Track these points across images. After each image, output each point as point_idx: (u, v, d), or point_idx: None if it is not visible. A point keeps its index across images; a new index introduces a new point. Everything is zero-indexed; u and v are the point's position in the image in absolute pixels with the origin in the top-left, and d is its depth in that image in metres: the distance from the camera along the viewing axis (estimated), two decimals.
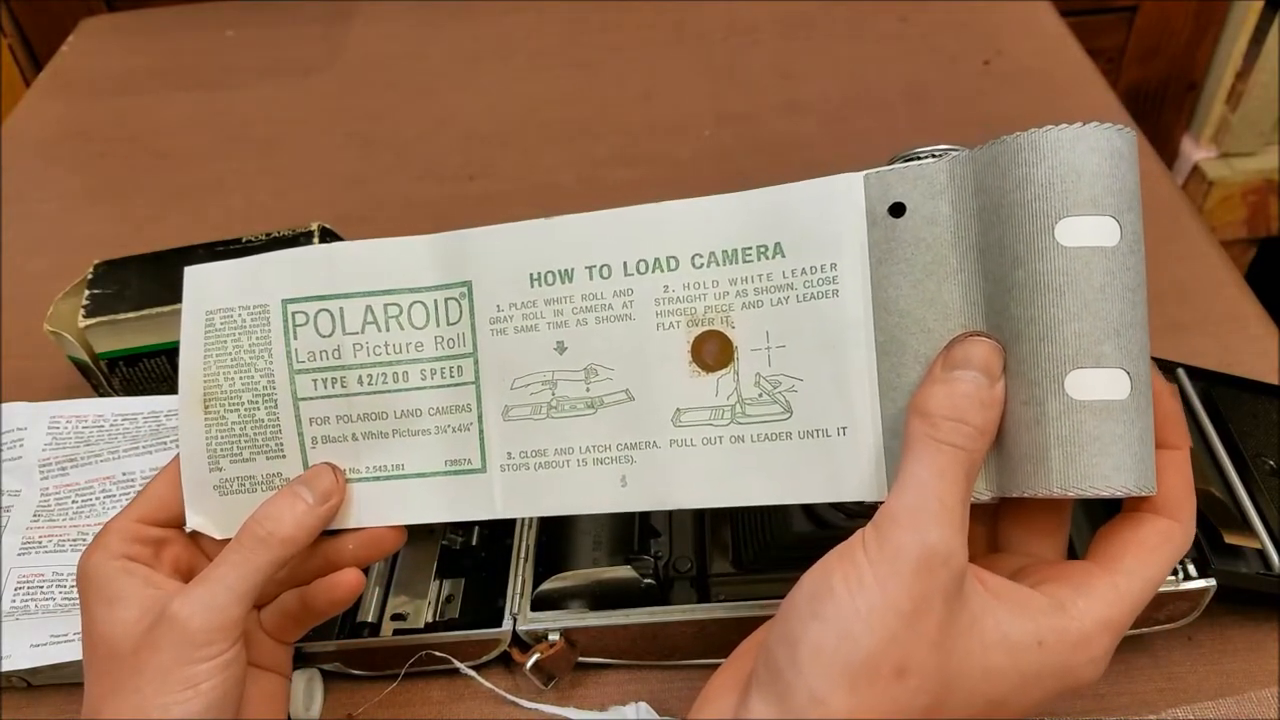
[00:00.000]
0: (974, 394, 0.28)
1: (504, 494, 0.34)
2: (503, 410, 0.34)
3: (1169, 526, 0.29)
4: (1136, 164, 0.29)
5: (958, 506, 0.26)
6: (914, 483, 0.27)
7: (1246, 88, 1.21)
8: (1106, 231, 0.28)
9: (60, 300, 0.51)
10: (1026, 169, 0.28)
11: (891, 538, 0.26)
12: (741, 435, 0.32)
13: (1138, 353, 0.28)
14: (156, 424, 0.50)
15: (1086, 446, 0.27)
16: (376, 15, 0.90)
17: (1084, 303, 0.28)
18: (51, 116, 0.82)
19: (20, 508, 0.47)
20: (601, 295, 0.33)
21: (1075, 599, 0.27)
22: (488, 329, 0.34)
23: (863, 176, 0.31)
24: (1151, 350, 0.47)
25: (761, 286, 0.32)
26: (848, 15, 0.84)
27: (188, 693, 0.30)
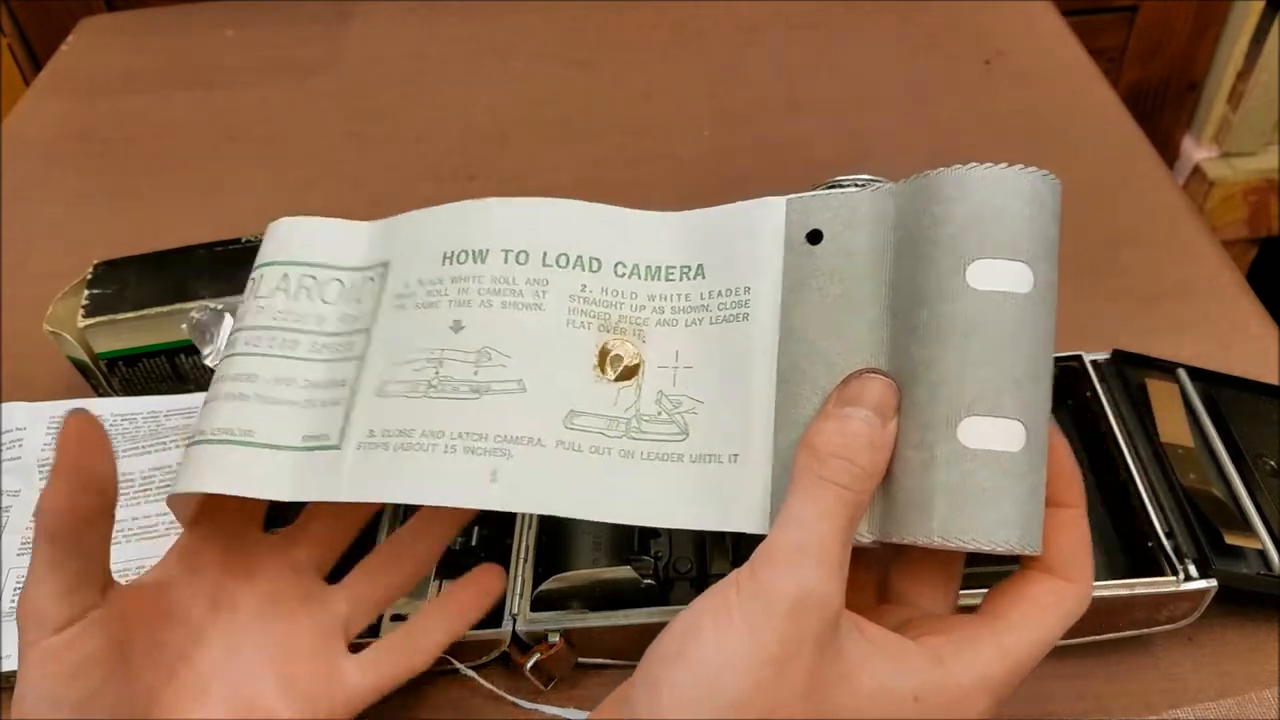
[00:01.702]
0: (864, 433, 0.26)
1: (353, 474, 0.31)
2: (379, 386, 0.32)
3: (1062, 587, 0.28)
4: (1058, 213, 0.29)
5: (837, 548, 0.25)
6: (795, 521, 0.25)
7: (1247, 87, 1.21)
8: (1020, 278, 0.27)
9: (59, 300, 0.51)
10: (947, 206, 0.27)
11: (765, 578, 0.25)
12: (631, 451, 0.30)
13: (1037, 406, 0.27)
14: (156, 424, 0.50)
15: (973, 497, 0.26)
16: (376, 15, 0.90)
17: (988, 349, 0.27)
18: (51, 116, 0.82)
19: (20, 508, 0.47)
20: (513, 280, 0.32)
21: (956, 655, 0.26)
22: (391, 305, 0.32)
23: (785, 200, 0.31)
24: (1152, 350, 0.47)
25: (679, 306, 0.31)
26: (848, 15, 0.84)
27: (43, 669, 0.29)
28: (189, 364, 0.52)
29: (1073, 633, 0.40)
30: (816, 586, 0.24)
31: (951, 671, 0.26)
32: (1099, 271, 0.59)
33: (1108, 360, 0.47)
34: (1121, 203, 0.64)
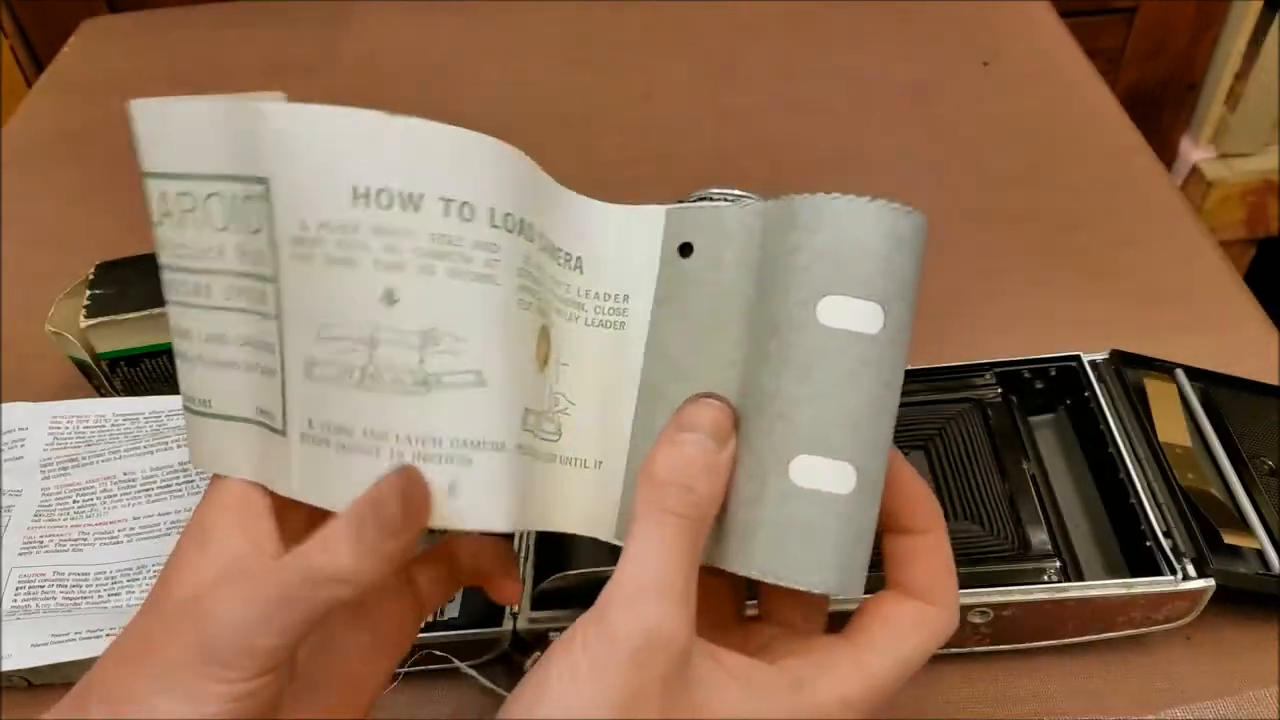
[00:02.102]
0: (699, 458, 0.26)
1: (302, 472, 0.26)
2: (305, 365, 0.25)
3: (924, 610, 0.28)
4: (919, 252, 0.27)
5: (680, 581, 0.25)
6: (636, 559, 0.25)
7: (1245, 88, 1.21)
8: (869, 318, 0.26)
9: (61, 301, 0.51)
10: (805, 234, 0.26)
11: (609, 622, 0.24)
12: (535, 451, 0.28)
13: (873, 449, 0.26)
14: (158, 424, 0.50)
15: (795, 536, 0.26)
16: (375, 15, 0.90)
17: (828, 387, 0.26)
18: (53, 117, 0.82)
19: (21, 507, 0.47)
20: (459, 242, 0.25)
21: (816, 677, 0.26)
22: (289, 250, 0.25)
23: (665, 211, 0.30)
24: (1151, 350, 0.47)
25: (563, 296, 0.29)
26: (848, 15, 0.84)
27: (183, 706, 0.24)
28: None
29: (1071, 632, 0.40)
30: (661, 625, 0.24)
31: (810, 695, 0.26)
32: (1097, 272, 0.59)
33: (1106, 360, 0.47)
34: (1120, 203, 0.64)
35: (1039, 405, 0.48)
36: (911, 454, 0.46)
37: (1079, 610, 0.39)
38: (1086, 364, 0.46)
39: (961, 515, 0.43)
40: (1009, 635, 0.40)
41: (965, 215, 0.64)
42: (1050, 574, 0.40)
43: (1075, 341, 0.48)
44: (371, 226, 0.24)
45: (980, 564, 0.41)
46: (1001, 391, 0.47)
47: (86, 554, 0.46)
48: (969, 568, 0.41)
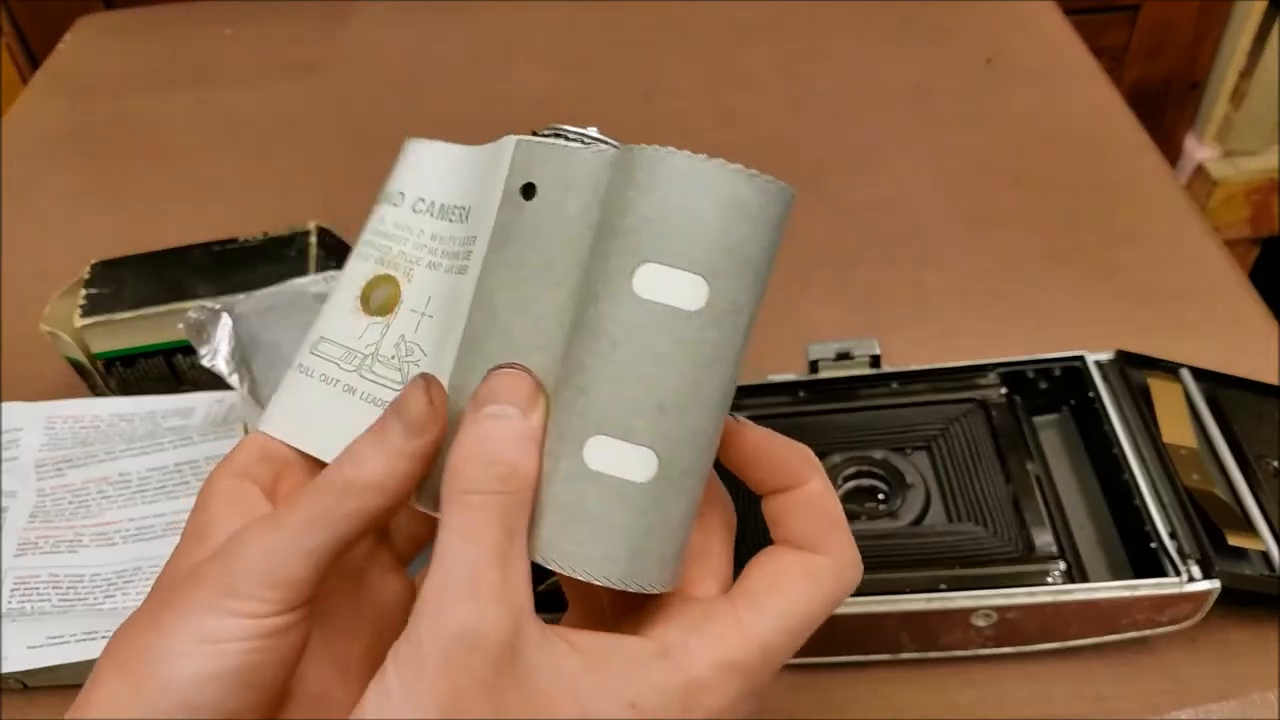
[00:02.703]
0: (505, 430, 0.24)
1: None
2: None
3: (811, 560, 0.25)
4: (773, 225, 0.24)
5: (490, 571, 0.22)
6: (439, 557, 0.22)
7: (1250, 86, 1.21)
8: (689, 292, 0.23)
9: (57, 300, 0.51)
10: (636, 192, 0.24)
11: (416, 635, 0.22)
12: (354, 388, 0.28)
13: (682, 437, 0.24)
14: (153, 425, 0.50)
15: (581, 522, 0.24)
16: (375, 14, 0.90)
17: (633, 364, 0.23)
18: (48, 115, 0.82)
19: (16, 509, 0.47)
20: (382, 220, 0.30)
21: (686, 641, 0.23)
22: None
23: (515, 141, 0.26)
24: (1155, 350, 0.47)
25: (446, 250, 0.28)
26: (849, 14, 0.83)
27: (204, 647, 0.23)
28: (186, 364, 0.51)
29: (1075, 634, 0.40)
30: (467, 625, 0.21)
31: (679, 661, 0.23)
32: (1101, 271, 0.59)
33: (1110, 360, 0.47)
34: (1124, 202, 0.63)
35: (1043, 405, 0.47)
36: (915, 454, 0.45)
37: (1083, 612, 0.39)
38: (1091, 364, 0.46)
39: (965, 516, 0.43)
40: (1013, 638, 0.40)
41: (968, 214, 0.64)
42: (1054, 576, 0.40)
43: (1079, 341, 0.48)
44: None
45: (984, 566, 0.40)
46: (1005, 392, 0.47)
47: (82, 555, 0.45)
48: (972, 569, 0.40)
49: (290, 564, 0.24)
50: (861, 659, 0.42)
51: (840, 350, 0.49)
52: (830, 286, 0.60)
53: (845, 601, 0.39)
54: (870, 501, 0.44)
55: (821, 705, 0.41)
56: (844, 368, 0.49)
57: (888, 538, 0.42)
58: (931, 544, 0.42)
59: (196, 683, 0.23)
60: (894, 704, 0.41)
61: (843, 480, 0.45)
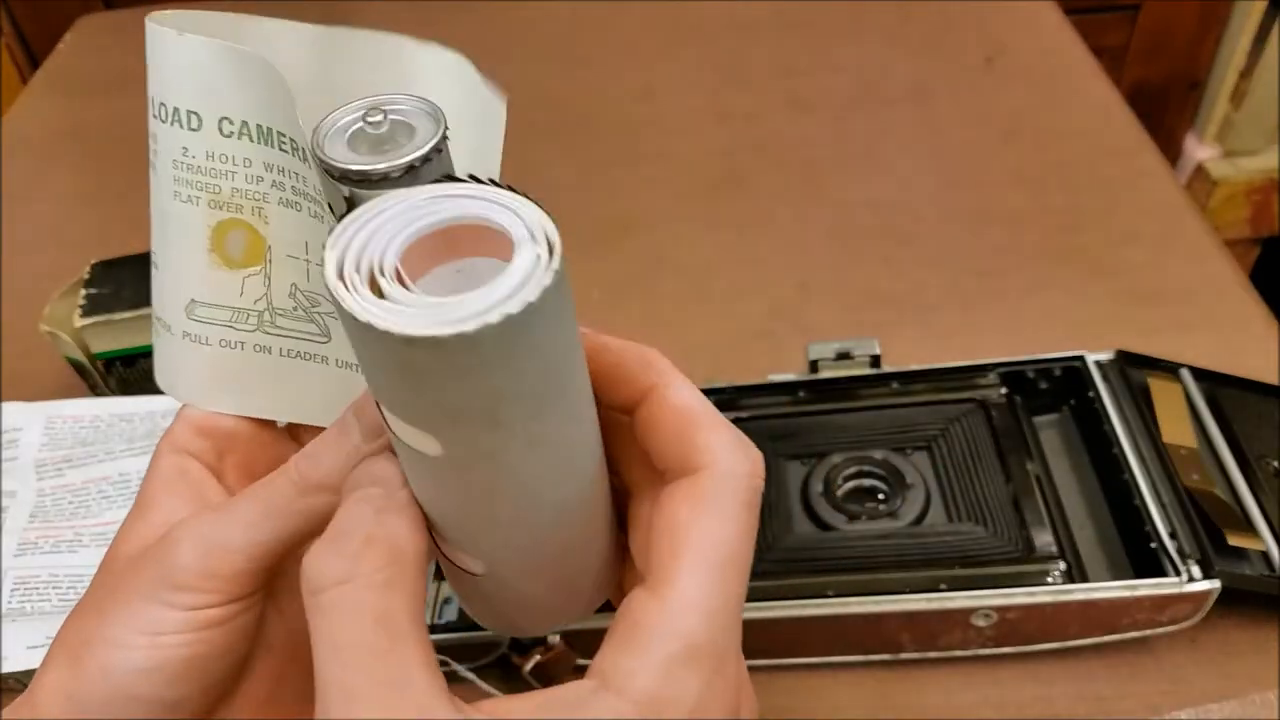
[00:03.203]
0: (364, 508, 0.21)
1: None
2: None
3: (693, 486, 0.21)
4: (473, 368, 0.17)
5: (368, 691, 0.19)
6: (318, 683, 0.19)
7: (1250, 86, 1.21)
8: (424, 441, 0.19)
9: (56, 300, 0.51)
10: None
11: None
12: (268, 346, 0.27)
13: (506, 546, 0.22)
14: (153, 425, 0.50)
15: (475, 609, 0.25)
16: (376, 14, 0.90)
17: (426, 495, 0.22)
18: (48, 115, 0.82)
19: (16, 508, 0.47)
20: (154, 137, 0.26)
21: (618, 661, 0.20)
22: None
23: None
24: (1155, 350, 0.47)
25: (299, 189, 0.25)
26: (849, 13, 0.83)
27: (141, 639, 0.23)
28: None
29: (1076, 634, 0.40)
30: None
31: (623, 688, 0.20)
32: (1101, 271, 0.59)
33: (1110, 360, 0.47)
34: (1124, 202, 0.63)
35: (1043, 405, 0.47)
36: (915, 454, 0.45)
37: (1083, 612, 0.39)
38: (1091, 364, 0.46)
39: (965, 516, 0.43)
40: (1013, 638, 0.40)
41: (968, 214, 0.64)
42: (1054, 576, 0.40)
43: (1079, 341, 0.48)
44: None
45: (984, 566, 0.40)
46: (1005, 392, 0.47)
47: (81, 555, 0.45)
48: (972, 569, 0.40)
49: (232, 557, 0.23)
50: (861, 659, 0.42)
51: (840, 350, 0.49)
52: (830, 286, 0.60)
53: (843, 601, 0.39)
54: (870, 501, 0.44)
55: (822, 705, 0.41)
56: (844, 368, 0.49)
57: (888, 538, 0.42)
58: (931, 544, 0.42)
59: (136, 674, 0.23)
60: (894, 704, 0.41)
61: (843, 480, 0.45)
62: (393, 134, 0.19)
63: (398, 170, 0.18)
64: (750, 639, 0.40)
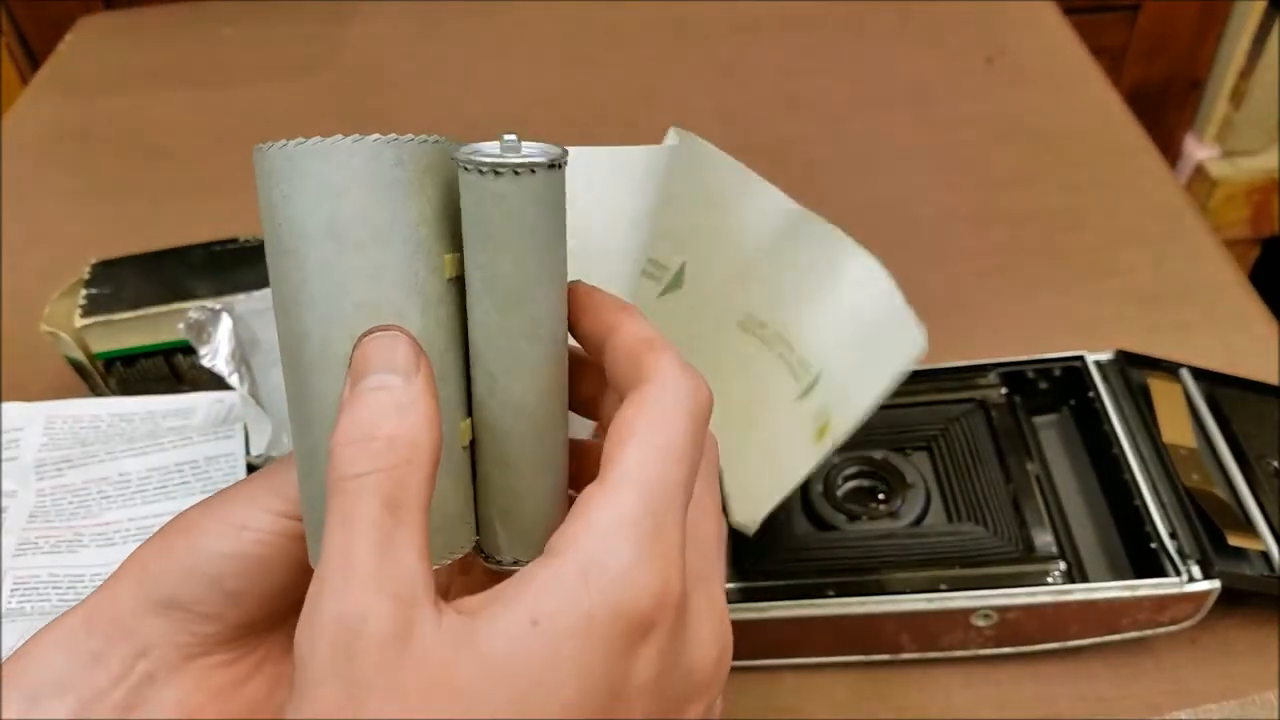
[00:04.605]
0: (380, 401, 0.22)
1: None
2: None
3: (639, 393, 0.23)
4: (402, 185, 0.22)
5: (366, 556, 0.20)
6: (322, 552, 0.21)
7: (1249, 86, 1.21)
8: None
9: (56, 300, 0.51)
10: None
11: (299, 633, 0.21)
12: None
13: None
14: (154, 424, 0.50)
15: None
16: (375, 14, 0.90)
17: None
18: (49, 115, 0.82)
19: (16, 508, 0.47)
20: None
21: (565, 532, 0.22)
22: None
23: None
24: (1155, 350, 0.47)
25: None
26: (849, 13, 0.83)
27: (230, 529, 0.25)
28: (186, 364, 0.51)
29: (1076, 634, 0.40)
30: (347, 616, 0.20)
31: (565, 555, 0.21)
32: (1101, 271, 0.59)
33: (1110, 360, 0.47)
34: (1123, 202, 0.63)
35: (1043, 405, 0.47)
36: (915, 454, 0.45)
37: (1083, 612, 0.39)
38: (1091, 364, 0.46)
39: (965, 516, 0.43)
40: (1013, 638, 0.40)
41: (968, 214, 0.64)
42: (1054, 576, 0.40)
43: (1079, 341, 0.48)
44: None
45: (984, 566, 0.40)
46: (1005, 392, 0.47)
47: (82, 555, 0.45)
48: (972, 569, 0.40)
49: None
50: (862, 659, 0.42)
51: None
52: None
53: (844, 601, 0.39)
54: (870, 501, 0.44)
55: (822, 705, 0.41)
56: None
57: (888, 538, 0.42)
58: (931, 544, 0.42)
59: (214, 556, 0.25)
60: (894, 704, 0.41)
61: (843, 480, 0.45)
62: (518, 147, 0.23)
63: (523, 167, 0.22)
64: (750, 639, 0.41)
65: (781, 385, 0.38)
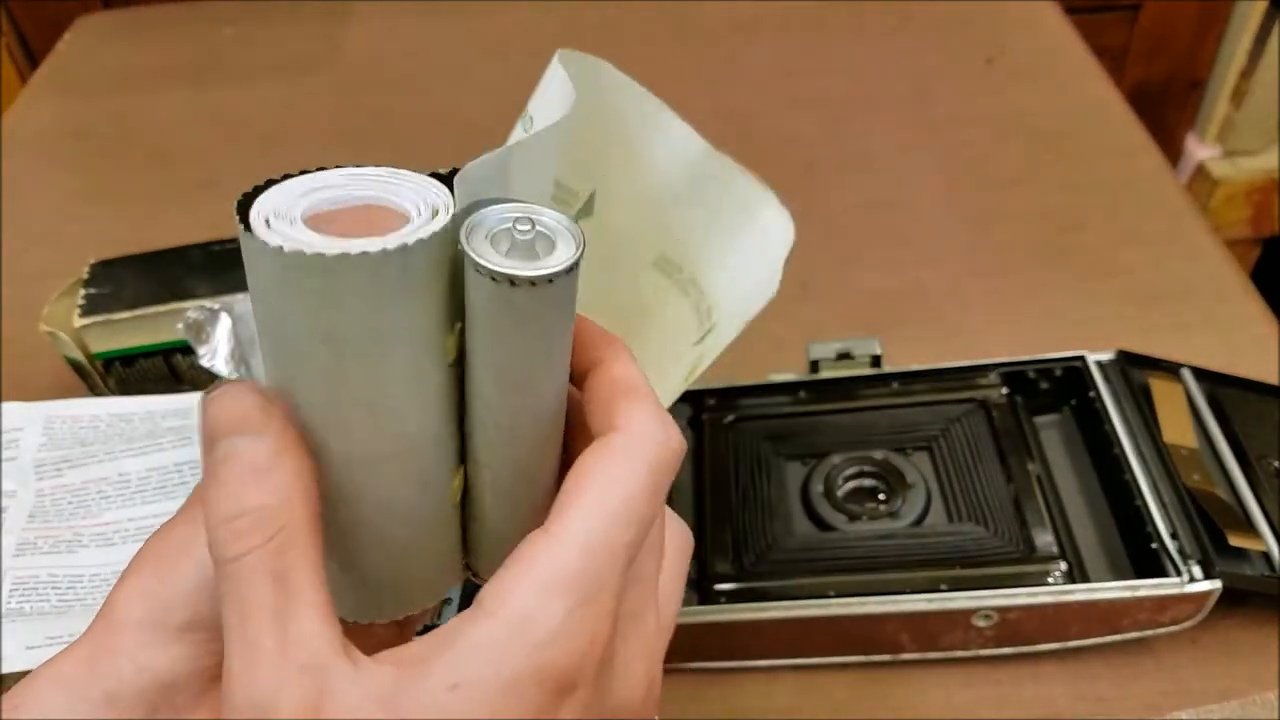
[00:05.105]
0: (237, 470, 0.21)
1: None
2: None
3: (604, 443, 0.22)
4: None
5: (262, 634, 0.20)
6: (225, 639, 0.21)
7: (1250, 86, 1.21)
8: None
9: (55, 300, 0.51)
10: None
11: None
12: None
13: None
14: (153, 424, 0.49)
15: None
16: (375, 13, 0.90)
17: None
18: (48, 115, 0.82)
19: (15, 508, 0.47)
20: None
21: (498, 589, 0.21)
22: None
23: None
24: (1155, 350, 0.47)
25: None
26: (849, 12, 0.83)
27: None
28: (186, 364, 0.51)
29: (1076, 634, 0.40)
30: (259, 698, 0.20)
31: (495, 612, 0.20)
32: (1102, 271, 0.59)
33: (1111, 360, 0.47)
34: (1124, 202, 0.63)
35: (1044, 405, 0.47)
36: (915, 454, 0.45)
37: (1084, 612, 0.39)
38: (1092, 364, 0.46)
39: (966, 516, 0.42)
40: (1013, 638, 0.40)
41: (968, 214, 0.64)
42: (1055, 576, 0.40)
43: (1080, 341, 0.48)
44: None
45: (984, 566, 0.40)
46: (1006, 392, 0.47)
47: (81, 555, 0.45)
48: (973, 569, 0.40)
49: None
50: (862, 659, 0.42)
51: (841, 350, 0.49)
52: (830, 286, 0.60)
53: (844, 602, 0.39)
54: (871, 501, 0.44)
55: (822, 705, 0.41)
56: (844, 368, 0.49)
57: (888, 538, 0.42)
58: (932, 544, 0.42)
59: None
60: (894, 704, 0.41)
61: (843, 480, 0.45)
62: (533, 243, 0.21)
63: (540, 279, 0.20)
64: (752, 639, 0.40)
65: (689, 331, 0.37)
